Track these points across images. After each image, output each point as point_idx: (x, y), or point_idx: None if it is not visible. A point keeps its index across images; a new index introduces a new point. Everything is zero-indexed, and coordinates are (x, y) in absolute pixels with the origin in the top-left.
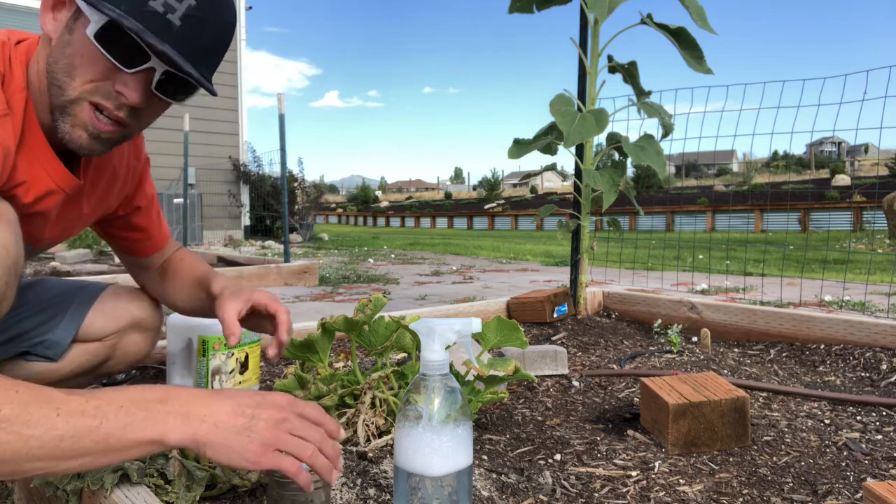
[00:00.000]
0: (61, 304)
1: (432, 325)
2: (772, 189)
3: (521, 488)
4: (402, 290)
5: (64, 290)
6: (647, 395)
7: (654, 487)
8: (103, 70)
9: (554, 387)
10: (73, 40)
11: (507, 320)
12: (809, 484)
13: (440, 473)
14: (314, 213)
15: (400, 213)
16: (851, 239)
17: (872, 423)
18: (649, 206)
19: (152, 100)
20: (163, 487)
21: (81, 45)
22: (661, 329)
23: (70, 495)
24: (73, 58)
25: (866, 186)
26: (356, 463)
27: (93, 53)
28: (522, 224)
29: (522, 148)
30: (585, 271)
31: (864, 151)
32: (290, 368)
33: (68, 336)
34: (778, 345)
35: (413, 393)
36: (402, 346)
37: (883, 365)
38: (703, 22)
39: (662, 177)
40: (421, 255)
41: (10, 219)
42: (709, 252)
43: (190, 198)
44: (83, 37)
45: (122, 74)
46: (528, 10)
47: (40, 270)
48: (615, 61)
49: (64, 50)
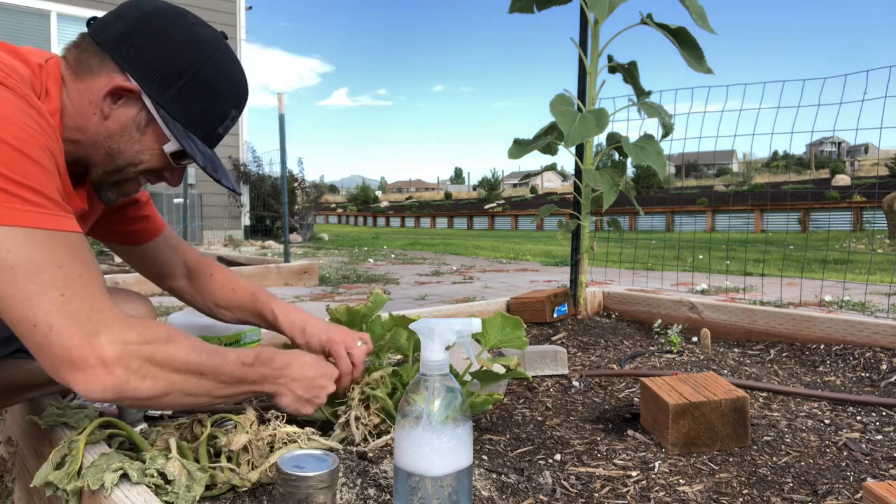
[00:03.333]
0: None
1: (432, 325)
2: (772, 189)
3: (521, 488)
4: (402, 290)
5: None
6: (647, 395)
7: (654, 487)
8: (164, 166)
9: (554, 387)
10: (143, 141)
11: (511, 317)
12: (809, 484)
13: (440, 473)
14: (314, 213)
15: (400, 213)
16: (851, 239)
17: (872, 423)
18: (649, 206)
19: None
20: (163, 487)
21: (152, 149)
22: (661, 329)
23: (70, 495)
24: (142, 154)
25: (866, 186)
26: (356, 463)
27: (161, 157)
28: (522, 224)
29: (522, 148)
30: (585, 271)
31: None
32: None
33: None
34: (778, 345)
35: (413, 393)
36: (398, 346)
37: (883, 365)
38: (704, 22)
39: (662, 177)
40: (421, 255)
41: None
42: (709, 252)
43: (190, 198)
44: (158, 147)
45: (173, 168)
46: (529, 9)
47: None
48: (615, 61)
49: (132, 145)
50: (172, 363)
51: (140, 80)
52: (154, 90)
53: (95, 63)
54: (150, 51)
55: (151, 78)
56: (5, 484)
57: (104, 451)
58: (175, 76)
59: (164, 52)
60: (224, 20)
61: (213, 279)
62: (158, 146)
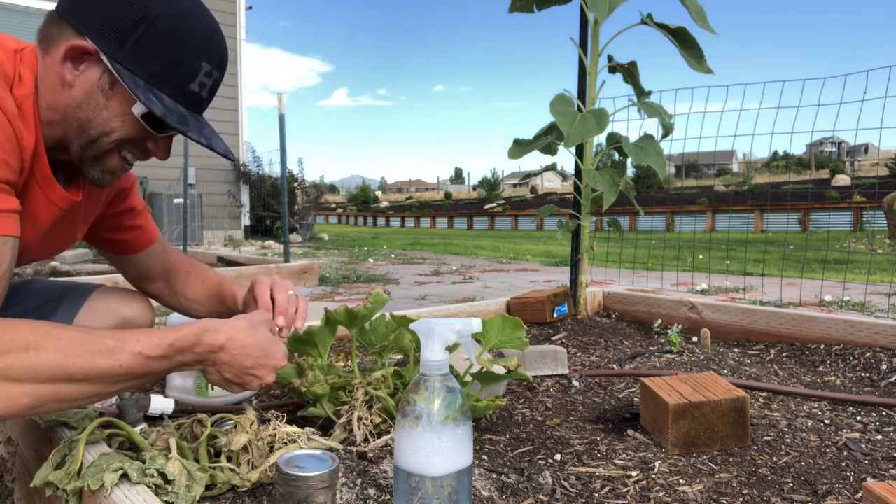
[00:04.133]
0: (50, 306)
1: (432, 325)
2: (772, 189)
3: (521, 488)
4: (402, 290)
5: (54, 292)
6: (647, 395)
7: (654, 487)
8: (140, 134)
9: (554, 387)
10: (111, 105)
11: (511, 318)
12: (809, 484)
13: (440, 473)
14: (314, 213)
15: (400, 213)
16: (851, 239)
17: (872, 423)
18: (649, 206)
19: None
20: (163, 487)
21: (122, 114)
22: (661, 329)
23: (70, 495)
24: (112, 121)
25: (866, 186)
26: (356, 463)
27: (133, 123)
28: (522, 224)
29: (522, 148)
30: (585, 271)
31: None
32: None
33: None
34: (778, 345)
35: (413, 393)
36: (400, 346)
37: (883, 365)
38: (704, 22)
39: (662, 177)
40: (421, 255)
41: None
42: (709, 252)
43: (190, 198)
44: (126, 111)
45: (155, 136)
46: (529, 9)
47: (40, 270)
48: (615, 61)
49: (99, 111)
50: (35, 374)
51: (96, 38)
52: (110, 46)
53: (56, 32)
54: (103, 4)
55: (106, 34)
56: (5, 484)
57: (104, 451)
58: (131, 27)
59: (118, 3)
60: (224, 20)
61: (189, 275)
62: (127, 110)
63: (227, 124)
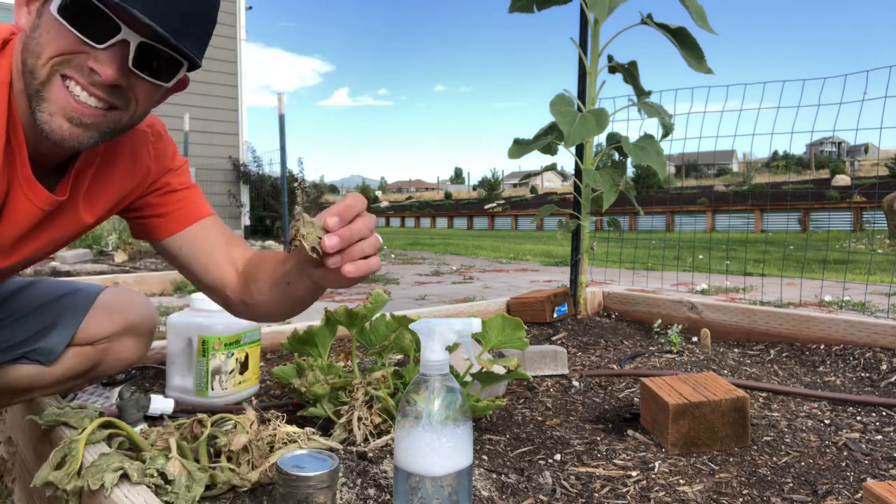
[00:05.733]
0: (56, 309)
1: (432, 326)
2: (772, 189)
3: (521, 488)
4: (402, 290)
5: (59, 294)
6: (647, 395)
7: (654, 487)
8: (72, 46)
9: (554, 387)
10: (40, 23)
11: (511, 318)
12: (809, 484)
13: (440, 473)
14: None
15: (400, 213)
16: (851, 239)
17: (872, 423)
18: (649, 206)
19: (133, 79)
20: (163, 487)
21: (48, 24)
22: (661, 329)
23: (70, 495)
24: (41, 37)
25: (866, 186)
26: (356, 463)
27: (59, 29)
28: (522, 224)
29: (522, 148)
30: (585, 271)
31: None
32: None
33: (62, 343)
34: (778, 345)
35: (413, 393)
36: (400, 346)
37: (883, 365)
38: (704, 22)
39: (662, 177)
40: (421, 255)
41: None
42: (709, 252)
43: None
44: (49, 16)
45: (94, 51)
46: (529, 9)
47: (40, 270)
48: (615, 61)
49: (33, 34)
50: None
51: None
52: None
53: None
54: None
55: None
56: (5, 484)
57: (104, 451)
58: None
59: None
60: (224, 20)
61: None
62: (50, 18)
63: (227, 124)
